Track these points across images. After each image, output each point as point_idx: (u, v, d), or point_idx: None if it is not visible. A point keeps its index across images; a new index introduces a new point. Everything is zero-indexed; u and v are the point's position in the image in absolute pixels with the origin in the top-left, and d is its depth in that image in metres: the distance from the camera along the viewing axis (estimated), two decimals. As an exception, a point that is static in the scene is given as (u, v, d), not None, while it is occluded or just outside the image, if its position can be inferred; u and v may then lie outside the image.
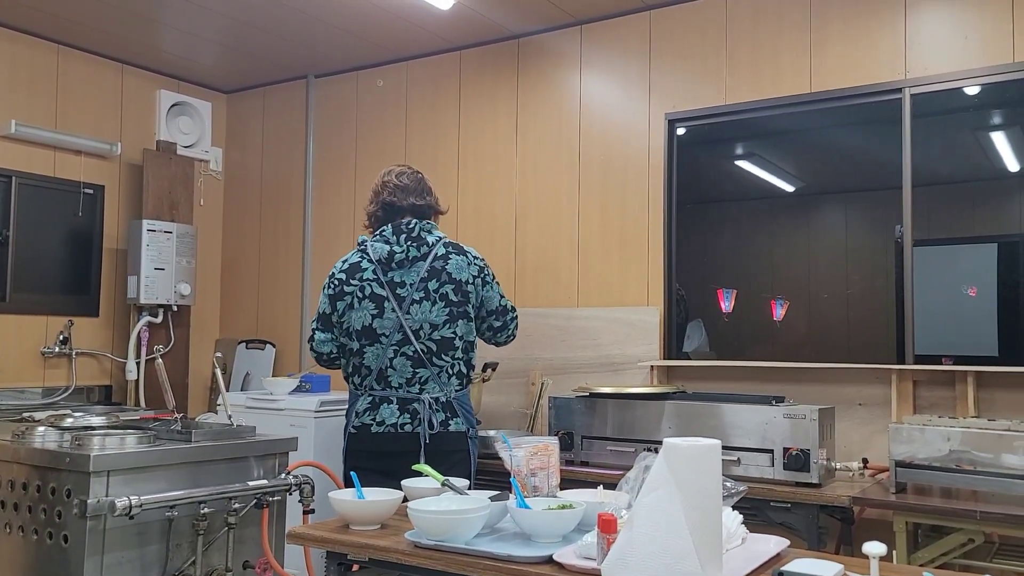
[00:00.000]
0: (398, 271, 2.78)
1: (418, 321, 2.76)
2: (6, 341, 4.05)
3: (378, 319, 2.76)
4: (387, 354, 2.76)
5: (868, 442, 3.10)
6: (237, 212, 5.08)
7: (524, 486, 1.99)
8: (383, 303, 2.76)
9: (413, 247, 2.79)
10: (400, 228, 2.82)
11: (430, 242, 2.83)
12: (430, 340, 2.77)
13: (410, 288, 2.77)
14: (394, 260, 2.78)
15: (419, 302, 2.77)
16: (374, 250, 2.80)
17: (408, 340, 2.75)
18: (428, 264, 2.79)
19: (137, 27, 4.12)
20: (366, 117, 4.62)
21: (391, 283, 2.77)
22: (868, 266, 3.43)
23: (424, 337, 2.76)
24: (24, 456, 2.20)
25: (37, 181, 4.21)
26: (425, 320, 2.77)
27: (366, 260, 2.81)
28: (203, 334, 4.93)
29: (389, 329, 2.75)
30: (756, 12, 3.52)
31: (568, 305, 3.88)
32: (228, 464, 2.47)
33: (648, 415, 3.05)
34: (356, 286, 2.78)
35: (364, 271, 2.79)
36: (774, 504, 2.67)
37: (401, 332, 2.75)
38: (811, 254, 3.66)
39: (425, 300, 2.77)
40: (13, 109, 4.09)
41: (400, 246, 2.78)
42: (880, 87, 3.25)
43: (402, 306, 2.76)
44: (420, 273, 2.78)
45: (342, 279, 2.81)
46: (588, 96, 3.93)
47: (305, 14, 3.91)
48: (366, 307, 2.76)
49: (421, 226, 2.84)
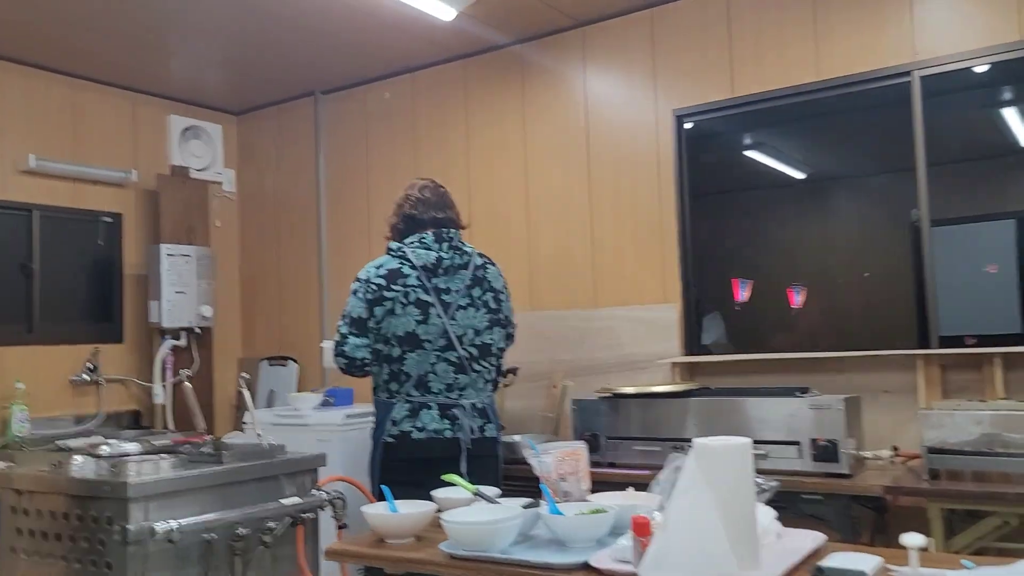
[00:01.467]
0: (443, 277, 2.82)
1: (463, 327, 2.80)
2: (36, 371, 4.11)
3: (423, 325, 2.77)
4: (429, 360, 2.78)
5: (897, 429, 3.09)
6: (253, 231, 5.12)
7: (555, 491, 2.00)
8: (429, 309, 2.78)
9: (456, 255, 2.84)
10: (442, 236, 2.86)
11: (468, 251, 2.90)
12: (472, 346, 2.81)
13: (456, 294, 2.81)
14: (441, 266, 2.81)
15: (464, 308, 2.81)
16: (417, 256, 2.81)
17: (452, 346, 2.78)
18: (471, 272, 2.85)
19: (146, 55, 4.17)
20: (375, 130, 4.65)
21: (436, 289, 2.80)
22: (885, 250, 3.42)
23: (467, 343, 2.81)
24: (63, 486, 2.23)
25: (57, 213, 4.27)
26: (470, 326, 2.82)
27: (407, 266, 2.81)
28: (226, 354, 4.98)
29: (433, 335, 2.78)
30: (758, 3, 3.52)
31: (586, 306, 3.89)
32: (260, 484, 2.50)
33: (673, 413, 3.05)
34: (399, 291, 2.78)
35: (407, 277, 2.79)
36: (805, 496, 2.66)
37: (445, 338, 2.78)
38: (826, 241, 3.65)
39: (470, 306, 2.82)
40: (31, 143, 4.15)
41: (446, 253, 2.82)
42: (888, 71, 3.23)
43: (448, 312, 2.79)
44: (465, 280, 2.83)
45: (381, 284, 2.79)
46: (594, 97, 3.94)
47: (309, 32, 3.94)
48: (410, 313, 2.77)
49: (458, 236, 2.91)
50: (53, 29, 3.79)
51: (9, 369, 4.01)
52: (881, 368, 3.17)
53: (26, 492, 2.32)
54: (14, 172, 4.10)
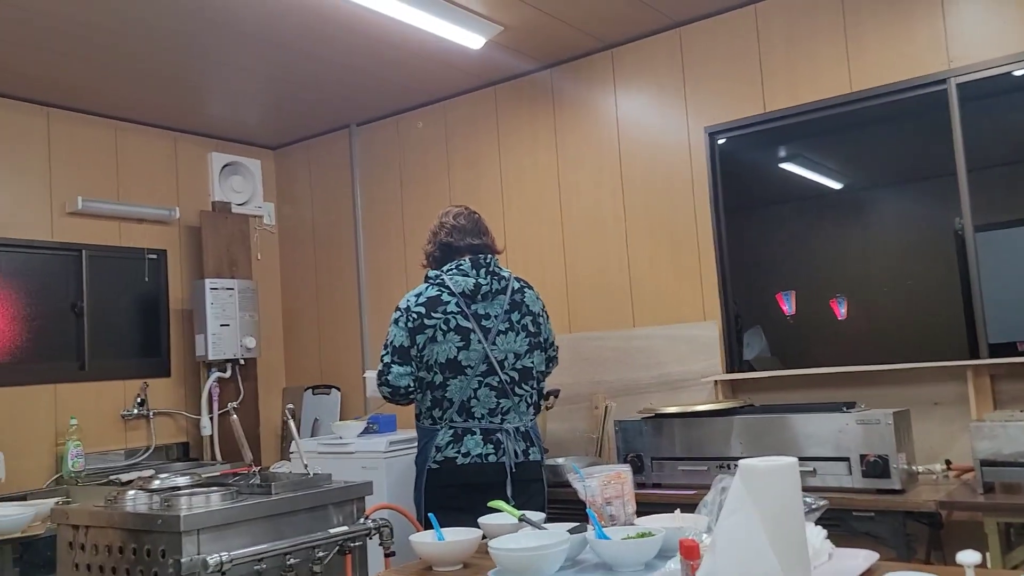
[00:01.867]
0: (482, 303, 2.84)
1: (503, 351, 2.82)
2: (88, 407, 4.21)
3: (464, 351, 2.79)
4: (471, 385, 2.79)
5: (949, 442, 3.03)
6: (293, 263, 5.21)
7: (601, 516, 1.99)
8: (469, 335, 2.80)
9: (494, 280, 2.87)
10: (479, 262, 2.88)
11: (505, 276, 2.92)
12: (513, 370, 2.83)
13: (495, 320, 2.83)
14: (480, 292, 2.83)
15: (504, 333, 2.83)
16: (455, 283, 2.84)
17: (493, 371, 2.80)
18: (509, 297, 2.87)
19: (186, 96, 4.28)
20: (409, 159, 4.71)
21: (476, 315, 2.82)
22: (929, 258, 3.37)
23: (508, 367, 2.82)
24: (118, 520, 2.28)
25: (105, 252, 4.39)
26: (510, 350, 2.83)
27: (447, 293, 2.84)
28: (270, 384, 5.05)
29: (475, 361, 2.80)
30: (787, 17, 3.51)
31: (624, 326, 3.88)
32: (308, 513, 2.52)
33: (717, 432, 3.02)
34: (439, 319, 2.81)
35: (447, 304, 2.82)
36: (856, 514, 2.62)
37: (486, 363, 2.80)
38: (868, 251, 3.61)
39: (510, 331, 2.84)
40: (78, 186, 4.29)
41: (484, 279, 2.85)
42: (923, 80, 3.20)
43: (488, 337, 2.81)
44: (503, 305, 2.85)
45: (421, 312, 2.82)
46: (625, 118, 3.95)
47: (342, 68, 4.02)
48: (451, 340, 2.80)
49: (494, 261, 2.92)
50: (96, 75, 3.92)
51: (64, 405, 4.12)
52: (929, 380, 3.11)
53: (82, 527, 2.37)
54: (62, 214, 4.23)
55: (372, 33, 3.63)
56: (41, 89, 4.03)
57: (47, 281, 4.19)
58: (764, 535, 1.40)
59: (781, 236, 3.79)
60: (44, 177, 4.19)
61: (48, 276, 4.19)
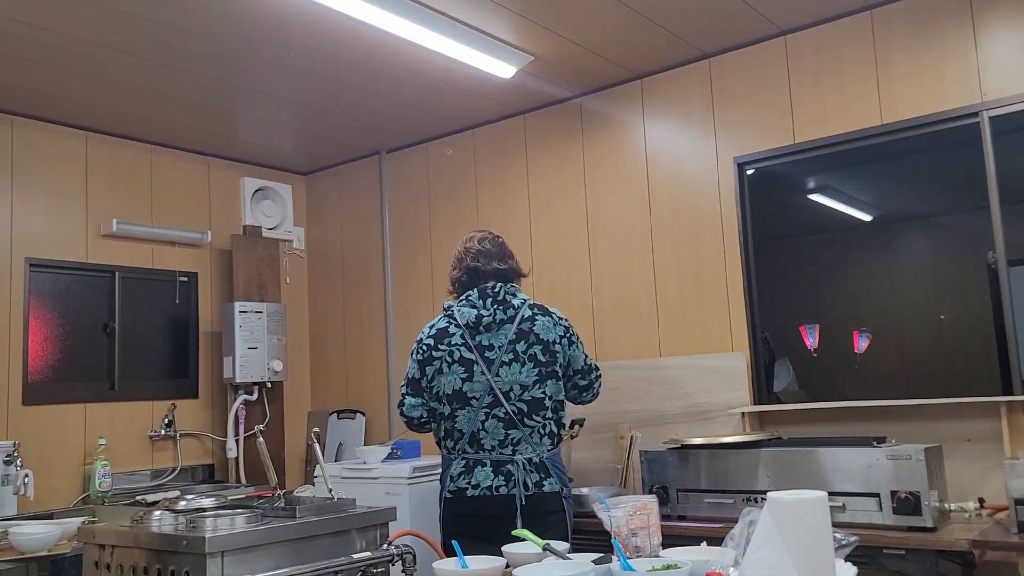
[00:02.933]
0: (486, 334, 2.83)
1: (508, 383, 2.79)
2: (117, 427, 4.26)
3: (468, 383, 2.80)
4: (479, 417, 2.79)
5: (982, 480, 2.96)
6: (321, 287, 5.25)
7: (626, 547, 1.97)
8: (472, 367, 2.80)
9: (500, 310, 2.84)
10: (486, 292, 2.87)
11: (516, 304, 2.87)
12: (520, 401, 2.80)
13: (499, 351, 2.81)
14: (482, 324, 2.82)
15: (508, 364, 2.80)
16: (461, 315, 2.85)
17: (499, 402, 2.78)
18: (516, 327, 2.83)
19: (220, 121, 4.37)
20: (437, 186, 4.75)
21: (479, 346, 2.81)
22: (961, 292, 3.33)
23: (515, 398, 2.79)
24: (144, 541, 2.29)
25: (137, 274, 4.46)
26: (515, 381, 2.80)
27: (453, 325, 2.85)
28: (296, 408, 5.08)
29: (479, 392, 2.79)
30: (817, 49, 3.51)
31: (651, 356, 3.86)
32: (331, 538, 2.52)
33: (744, 464, 2.99)
34: (445, 351, 2.83)
35: (452, 336, 2.84)
36: (887, 551, 2.57)
37: (491, 395, 2.78)
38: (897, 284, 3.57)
39: (515, 362, 2.80)
40: (113, 209, 4.37)
41: (487, 310, 2.83)
42: (955, 112, 3.18)
43: (491, 368, 2.79)
44: (508, 335, 2.82)
45: (430, 344, 2.86)
46: (654, 148, 3.96)
47: (374, 95, 4.08)
48: (456, 371, 2.81)
49: (506, 289, 2.89)
50: (133, 100, 4.01)
51: (92, 425, 4.17)
52: (962, 415, 3.06)
53: (108, 547, 2.39)
54: (97, 236, 4.31)
55: (404, 62, 3.69)
56: (80, 114, 4.13)
57: (81, 302, 4.26)
58: (792, 569, 1.38)
59: (810, 268, 3.77)
60: (81, 199, 4.28)
61: (82, 297, 4.26)
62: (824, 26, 3.50)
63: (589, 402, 3.08)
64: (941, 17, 3.24)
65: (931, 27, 3.26)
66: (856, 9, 3.41)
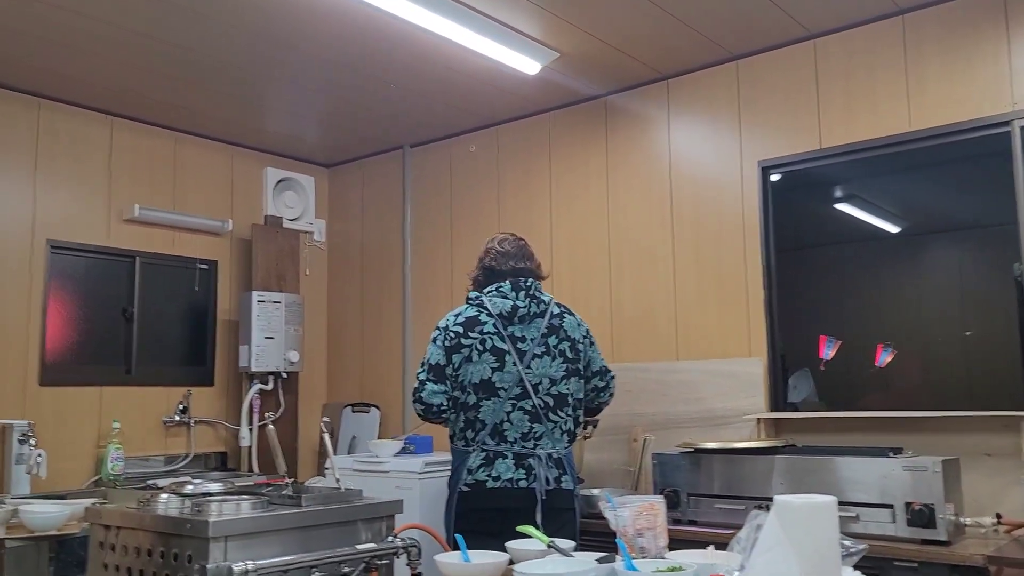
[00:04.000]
0: (519, 326, 2.83)
1: (538, 376, 2.80)
2: (132, 412, 4.28)
3: (498, 372, 2.78)
4: (504, 408, 2.78)
5: (1000, 495, 2.90)
6: (340, 280, 5.26)
7: (631, 547, 1.94)
8: (504, 356, 2.79)
9: (533, 304, 2.86)
10: (519, 285, 2.88)
11: (545, 300, 2.90)
12: (548, 395, 2.80)
13: (531, 343, 2.81)
14: (517, 315, 2.83)
15: (540, 356, 2.81)
16: (493, 304, 2.84)
17: (527, 394, 2.78)
18: (547, 321, 2.86)
19: (245, 111, 4.38)
20: (460, 182, 4.74)
21: (512, 337, 2.81)
22: (986, 306, 3.26)
23: (543, 392, 2.79)
24: (148, 523, 2.29)
25: (158, 260, 4.49)
26: (545, 375, 2.81)
27: (484, 314, 2.85)
28: (311, 399, 5.08)
29: (509, 383, 2.78)
30: (847, 53, 3.46)
31: (668, 359, 3.82)
32: (337, 528, 2.51)
33: (757, 471, 2.94)
34: (476, 339, 2.81)
35: (484, 324, 2.83)
36: (899, 563, 2.51)
37: (520, 386, 2.78)
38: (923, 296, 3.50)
39: (546, 355, 2.82)
40: (136, 194, 4.40)
41: (522, 301, 2.84)
42: (987, 120, 3.12)
43: (523, 360, 2.79)
44: (540, 329, 2.83)
45: (459, 331, 2.84)
46: (678, 149, 3.92)
47: (399, 89, 4.08)
48: (486, 360, 2.79)
49: (536, 285, 2.91)
50: (160, 87, 4.03)
51: (107, 409, 4.19)
52: (982, 429, 2.99)
53: (113, 528, 2.39)
54: (119, 221, 4.34)
55: (429, 56, 3.68)
56: (106, 98, 4.16)
57: (100, 285, 4.29)
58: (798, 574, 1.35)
59: (834, 278, 3.71)
60: (104, 184, 4.31)
61: (102, 281, 4.30)
62: (854, 30, 3.45)
63: (605, 405, 3.10)
64: (974, 23, 3.17)
65: (963, 33, 3.20)
66: (887, 14, 3.36)
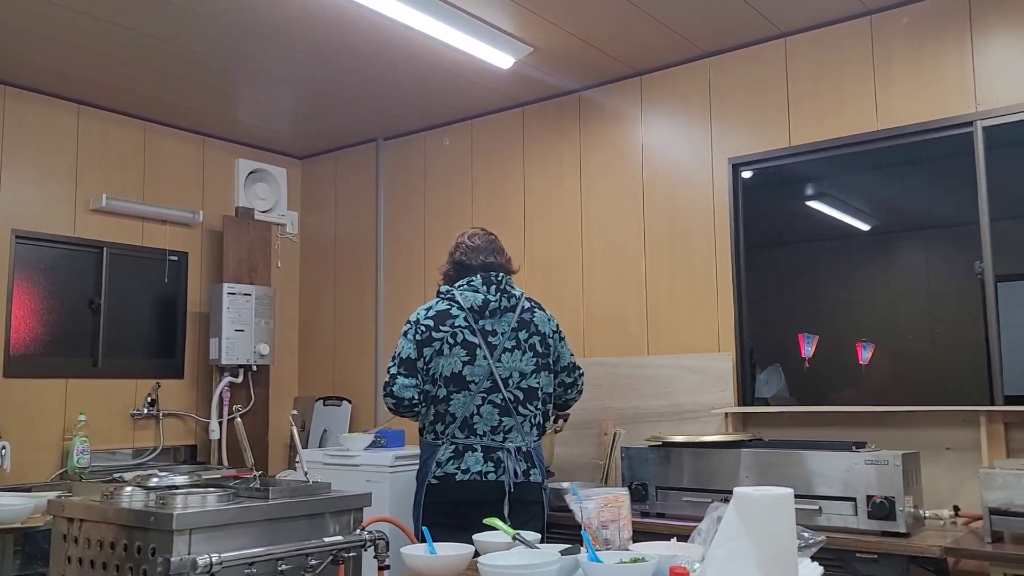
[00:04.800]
0: (490, 320, 2.84)
1: (508, 369, 2.81)
2: (99, 404, 4.24)
3: (469, 366, 2.79)
4: (475, 401, 2.79)
5: (958, 489, 2.96)
6: (313, 273, 5.23)
7: (595, 539, 1.96)
8: (475, 350, 2.80)
9: (504, 298, 2.87)
10: (490, 279, 2.89)
11: (516, 295, 2.92)
12: (518, 388, 2.82)
13: (501, 337, 2.83)
14: (488, 309, 2.84)
15: (510, 350, 2.82)
16: (464, 298, 2.85)
17: (497, 388, 2.79)
18: (518, 315, 2.87)
19: (216, 101, 4.34)
20: (434, 176, 4.73)
21: (483, 331, 2.82)
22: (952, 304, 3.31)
23: (513, 385, 2.81)
24: (112, 516, 2.27)
25: (126, 251, 4.44)
26: (515, 368, 2.82)
27: (455, 308, 2.85)
28: (282, 392, 5.06)
29: (479, 376, 2.79)
30: (816, 52, 3.50)
31: (638, 353, 3.85)
32: (305, 521, 2.50)
33: (724, 464, 2.98)
34: (447, 332, 2.82)
35: (455, 318, 2.84)
36: (860, 555, 2.56)
37: (491, 380, 2.79)
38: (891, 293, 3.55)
39: (516, 349, 2.84)
40: (104, 184, 4.35)
41: (493, 295, 2.85)
42: (950, 121, 3.17)
43: (493, 354, 2.80)
44: (511, 323, 2.85)
45: (430, 325, 2.84)
46: (650, 145, 3.95)
47: (373, 81, 4.06)
48: (457, 354, 2.80)
49: (507, 280, 2.93)
50: (129, 75, 3.98)
51: (73, 401, 4.15)
52: (943, 424, 3.05)
53: (77, 520, 2.37)
54: (86, 211, 4.29)
55: (404, 48, 3.67)
56: (73, 86, 4.11)
57: (67, 277, 4.24)
58: (755, 565, 1.37)
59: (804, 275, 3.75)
60: (71, 173, 4.26)
61: (68, 272, 4.24)
62: (823, 29, 3.49)
63: (573, 401, 3.14)
64: (940, 24, 3.22)
65: (929, 35, 3.25)
66: (856, 14, 3.40)
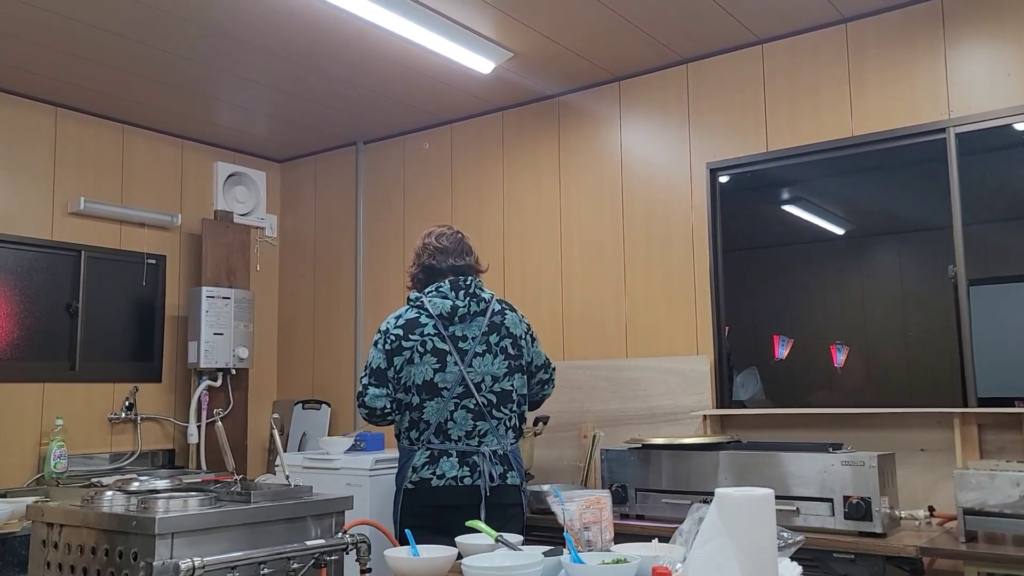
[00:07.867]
0: (460, 325, 2.84)
1: (480, 374, 2.81)
2: (76, 409, 4.20)
3: (440, 373, 2.79)
4: (448, 407, 2.79)
5: (933, 489, 3.01)
6: (292, 276, 5.22)
7: (578, 540, 1.98)
8: (445, 357, 2.80)
9: (473, 302, 2.86)
10: (458, 284, 2.88)
11: (486, 298, 2.91)
12: (491, 392, 2.82)
13: (472, 341, 2.83)
14: (457, 314, 2.83)
15: (481, 355, 2.82)
16: (433, 305, 2.85)
17: (470, 393, 2.79)
18: (488, 319, 2.87)
19: (195, 104, 4.32)
20: (413, 180, 4.74)
21: (453, 337, 2.82)
22: (926, 307, 3.36)
23: (485, 390, 2.81)
24: (93, 520, 2.26)
25: (104, 254, 4.40)
26: (487, 372, 2.82)
27: (424, 315, 2.85)
28: (261, 396, 5.04)
29: (451, 383, 2.79)
30: (792, 59, 3.55)
31: (617, 356, 3.88)
32: (286, 524, 2.50)
33: (703, 466, 3.01)
34: (416, 341, 2.82)
35: (424, 326, 2.84)
36: (837, 555, 2.60)
37: (463, 385, 2.79)
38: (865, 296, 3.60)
39: (487, 353, 2.83)
40: (82, 187, 4.31)
41: (462, 301, 2.85)
42: (923, 128, 3.23)
43: (464, 359, 2.81)
44: (482, 327, 2.85)
45: (399, 334, 2.84)
46: (629, 150, 3.98)
47: (352, 84, 4.06)
48: (428, 361, 2.80)
49: (476, 283, 2.91)
50: (107, 78, 3.96)
51: (50, 405, 4.11)
52: (918, 426, 3.11)
53: (56, 525, 2.35)
54: (64, 214, 4.25)
55: (384, 53, 3.68)
56: (50, 88, 4.07)
57: (44, 280, 4.19)
58: (736, 565, 1.39)
59: (781, 278, 3.79)
60: (48, 176, 4.22)
61: (45, 275, 4.20)
62: (799, 36, 3.54)
63: (548, 395, 3.14)
64: (913, 33, 3.28)
65: (903, 42, 3.31)
66: (831, 22, 3.45)
